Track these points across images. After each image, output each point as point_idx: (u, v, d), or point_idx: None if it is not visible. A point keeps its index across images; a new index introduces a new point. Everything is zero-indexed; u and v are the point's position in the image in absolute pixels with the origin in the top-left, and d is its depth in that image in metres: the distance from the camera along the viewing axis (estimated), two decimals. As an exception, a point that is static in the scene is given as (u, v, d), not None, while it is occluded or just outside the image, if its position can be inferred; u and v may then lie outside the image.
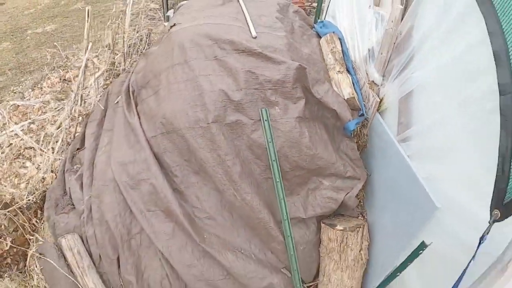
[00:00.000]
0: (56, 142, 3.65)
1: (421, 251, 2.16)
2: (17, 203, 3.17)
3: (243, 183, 2.75)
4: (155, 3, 5.20)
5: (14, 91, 4.73)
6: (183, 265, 2.88)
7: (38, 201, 3.41)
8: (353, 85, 2.97)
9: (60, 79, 4.58)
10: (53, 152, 3.69)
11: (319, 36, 3.43)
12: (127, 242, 2.98)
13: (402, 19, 2.49)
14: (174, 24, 3.20)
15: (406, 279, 2.53)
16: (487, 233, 1.76)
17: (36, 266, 3.26)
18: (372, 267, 2.91)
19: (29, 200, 3.17)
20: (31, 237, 3.31)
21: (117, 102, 3.73)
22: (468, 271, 1.84)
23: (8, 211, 3.04)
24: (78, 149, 3.65)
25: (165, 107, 2.87)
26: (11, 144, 3.98)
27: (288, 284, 2.92)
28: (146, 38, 4.43)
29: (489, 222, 1.75)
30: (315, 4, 6.98)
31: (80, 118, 3.69)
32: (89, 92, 3.78)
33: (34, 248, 3.26)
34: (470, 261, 1.80)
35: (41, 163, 3.65)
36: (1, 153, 3.96)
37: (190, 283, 2.88)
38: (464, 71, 1.99)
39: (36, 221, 3.32)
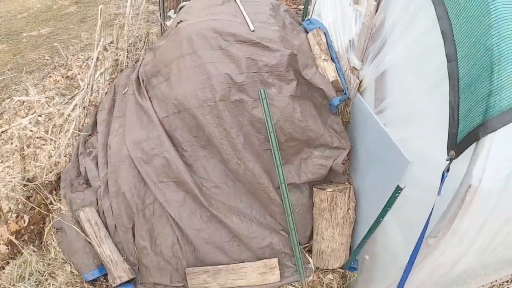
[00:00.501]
0: (67, 131, 4.25)
1: (397, 194, 2.88)
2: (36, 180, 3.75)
3: (246, 152, 3.45)
4: (153, 4, 5.89)
5: (16, 89, 5.32)
6: (192, 229, 3.53)
7: (54, 182, 4.00)
8: (337, 71, 3.73)
9: (63, 76, 5.21)
10: (62, 140, 4.29)
11: (307, 32, 4.21)
12: (141, 211, 3.61)
13: (375, 13, 3.27)
14: (181, 21, 3.91)
15: (388, 230, 3.23)
16: (447, 170, 2.41)
17: (54, 241, 3.83)
18: (359, 226, 3.62)
19: (47, 177, 3.75)
20: (48, 214, 3.88)
21: (125, 92, 4.40)
22: (436, 208, 2.46)
23: (33, 185, 3.60)
24: (89, 135, 4.28)
25: (177, 90, 3.56)
26: (19, 135, 4.53)
27: (286, 243, 3.61)
28: (145, 37, 5.11)
29: (447, 160, 2.46)
30: (301, 7, 7.88)
31: (91, 108, 4.32)
32: (98, 85, 4.41)
33: (52, 222, 3.83)
34: (436, 198, 2.48)
35: (52, 150, 4.25)
36: (11, 144, 4.54)
37: (199, 246, 3.53)
38: (422, 49, 2.75)
39: (53, 200, 3.90)
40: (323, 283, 3.57)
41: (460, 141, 2.35)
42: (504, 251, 3.22)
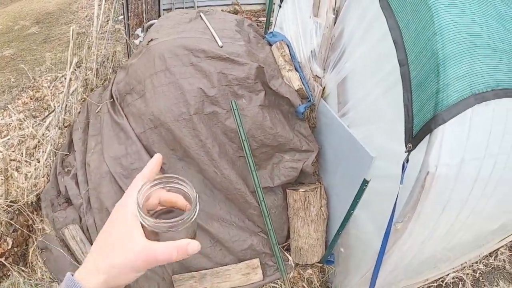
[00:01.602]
0: (43, 152, 4.29)
1: (365, 187, 3.15)
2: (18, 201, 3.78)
3: (221, 161, 3.65)
4: (117, 23, 5.99)
5: (-16, 113, 5.28)
6: (176, 238, 3.66)
7: (34, 203, 4.03)
8: (301, 80, 4.00)
9: (31, 98, 5.22)
10: (38, 161, 4.33)
11: (270, 44, 4.47)
12: (125, 224, 3.70)
13: (334, 24, 3.56)
14: (151, 39, 4.07)
15: (359, 222, 3.49)
16: (407, 161, 2.73)
17: (39, 261, 3.86)
18: (332, 221, 3.88)
19: (28, 198, 3.79)
20: (30, 235, 3.91)
21: (98, 111, 4.49)
22: (400, 195, 2.76)
23: (17, 206, 3.64)
24: (66, 154, 4.34)
25: (153, 106, 3.72)
26: (3, 156, 4.52)
27: (265, 244, 3.82)
28: (112, 56, 5.21)
29: (405, 152, 2.76)
30: (261, 19, 8.22)
31: (65, 127, 4.38)
32: (70, 104, 4.48)
33: (35, 243, 3.86)
34: (399, 186, 2.76)
35: (29, 172, 4.27)
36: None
37: (183, 253, 3.66)
38: (377, 56, 3.05)
39: (33, 221, 3.93)
40: (304, 278, 3.79)
41: (416, 134, 2.67)
42: (467, 234, 3.55)
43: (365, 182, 3.18)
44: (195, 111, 3.61)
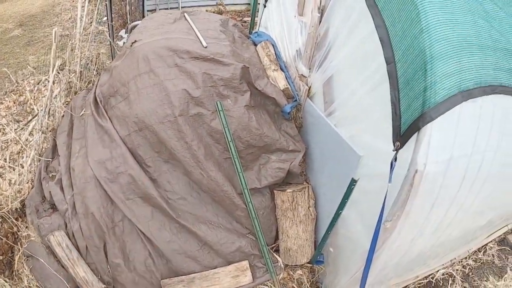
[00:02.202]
0: (27, 157, 4.11)
1: (353, 186, 3.05)
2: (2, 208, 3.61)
3: (208, 162, 3.54)
4: (101, 25, 5.81)
5: (-34, 118, 5.06)
6: (163, 242, 3.56)
7: (19, 209, 3.86)
8: (287, 79, 3.89)
9: (15, 102, 5.03)
10: (22, 167, 4.15)
11: (255, 44, 4.36)
12: (112, 229, 3.60)
13: (319, 23, 3.45)
14: (135, 41, 3.92)
15: (347, 221, 3.40)
16: (395, 160, 2.65)
17: (25, 268, 3.70)
18: (320, 221, 3.79)
19: (13, 205, 3.62)
20: (15, 242, 3.74)
21: (82, 114, 4.32)
22: (389, 194, 2.68)
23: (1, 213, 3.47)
24: (50, 159, 4.17)
25: (137, 109, 3.59)
26: None
27: (254, 245, 3.73)
28: (96, 58, 5.04)
29: (393, 151, 2.67)
30: (246, 19, 8.10)
31: (49, 132, 4.20)
32: (54, 108, 4.30)
33: (21, 251, 3.69)
34: (388, 185, 2.68)
35: (13, 177, 4.09)
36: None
37: (171, 257, 3.57)
38: (363, 54, 2.96)
39: (20, 227, 3.76)
40: (294, 278, 3.70)
41: (404, 132, 2.60)
42: (456, 230, 3.50)
43: (353, 182, 3.09)
44: (180, 113, 3.49)
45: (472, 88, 2.60)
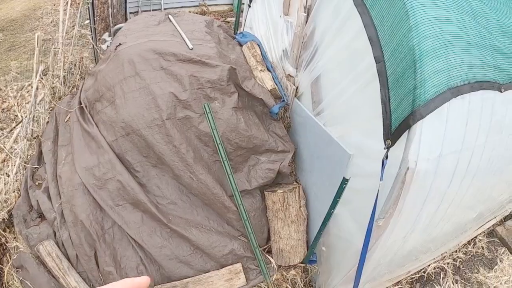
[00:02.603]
0: (13, 165, 3.96)
1: (345, 185, 2.99)
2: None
3: (197, 166, 3.45)
4: (83, 28, 5.65)
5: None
6: (155, 247, 3.46)
7: (6, 220, 3.71)
8: (274, 80, 3.81)
9: (-3, 109, 4.86)
10: (8, 176, 4.00)
11: (241, 45, 4.26)
12: (102, 237, 3.48)
13: (306, 23, 3.37)
14: (120, 44, 3.79)
15: (339, 220, 3.35)
16: (386, 158, 2.61)
17: (15, 280, 3.57)
18: (312, 221, 3.73)
19: (0, 216, 3.48)
20: (4, 253, 3.60)
21: (67, 120, 4.19)
22: (381, 192, 2.65)
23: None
24: (36, 167, 4.02)
25: (123, 113, 3.48)
26: None
27: (246, 248, 3.64)
28: (79, 63, 4.89)
29: (384, 149, 2.62)
30: (229, 19, 8.00)
31: (34, 139, 4.06)
32: (38, 114, 4.16)
33: (10, 262, 3.56)
34: (379, 183, 2.64)
35: (-3, 186, 3.94)
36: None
37: (163, 263, 3.47)
38: (352, 54, 2.91)
39: (7, 239, 3.62)
40: (287, 279, 3.64)
41: (394, 130, 2.57)
42: (447, 225, 3.49)
43: (344, 181, 3.03)
44: (168, 116, 3.39)
45: (460, 85, 2.58)
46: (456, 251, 4.18)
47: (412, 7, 2.47)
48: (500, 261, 4.14)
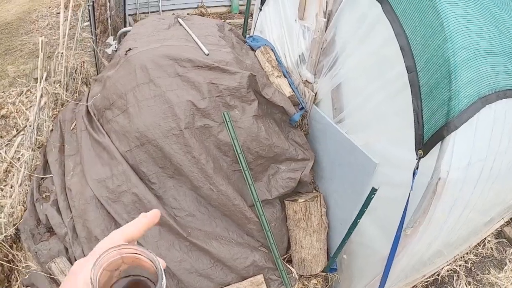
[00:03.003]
0: (17, 176, 3.76)
1: (373, 195, 2.96)
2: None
3: (217, 176, 3.30)
4: (84, 31, 5.43)
5: None
6: (174, 262, 3.31)
7: (12, 235, 3.52)
8: (290, 86, 3.72)
9: (-4, 117, 4.61)
10: (11, 187, 3.80)
11: (252, 49, 4.13)
12: (117, 252, 3.31)
13: (326, 29, 3.30)
14: (130, 49, 3.63)
15: (361, 228, 3.28)
16: (417, 168, 2.56)
17: (26, 300, 3.38)
18: (332, 229, 3.66)
19: (9, 231, 3.29)
20: (12, 270, 3.41)
21: (73, 128, 4.00)
22: (411, 201, 2.63)
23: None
24: (42, 178, 3.84)
25: (138, 122, 3.30)
26: None
27: (267, 258, 3.52)
28: (81, 68, 4.69)
29: (416, 159, 2.59)
30: (228, 20, 7.88)
31: (38, 148, 3.87)
32: (41, 122, 3.96)
33: (19, 280, 3.37)
34: (409, 192, 2.61)
35: (2, 199, 3.73)
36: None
37: (182, 277, 3.32)
38: (380, 61, 2.83)
39: (15, 255, 3.43)
40: (309, 289, 3.58)
41: (427, 141, 2.53)
42: (462, 229, 3.49)
43: (373, 191, 2.97)
44: (186, 126, 3.24)
45: (488, 94, 2.56)
46: (467, 253, 4.22)
47: (446, 17, 2.41)
48: (509, 261, 4.17)
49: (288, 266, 3.59)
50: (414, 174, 2.57)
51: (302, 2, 3.64)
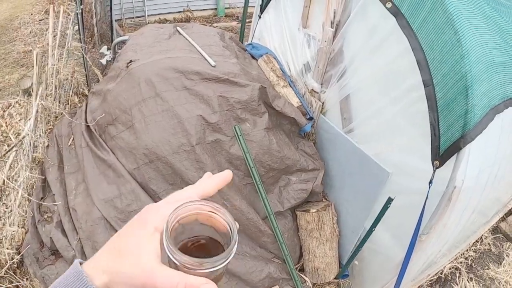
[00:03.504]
0: (13, 196, 3.63)
1: (389, 205, 3.05)
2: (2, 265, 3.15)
3: (230, 191, 3.26)
4: (74, 40, 5.21)
5: None
6: (187, 278, 3.30)
7: (16, 261, 3.40)
8: (297, 95, 3.75)
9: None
10: (7, 207, 3.67)
11: (253, 57, 4.08)
12: (130, 272, 3.27)
13: (334, 39, 3.34)
14: (131, 61, 3.54)
15: (375, 235, 3.33)
16: (433, 178, 2.69)
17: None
18: (343, 236, 3.70)
19: (15, 259, 3.18)
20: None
21: (71, 144, 3.89)
22: (426, 210, 2.73)
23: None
24: (41, 198, 3.72)
25: (145, 139, 3.17)
26: None
27: (282, 269, 3.49)
28: (72, 78, 4.53)
29: (433, 170, 2.69)
30: (215, 24, 7.78)
31: (34, 165, 3.74)
32: (35, 138, 3.82)
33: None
34: (425, 202, 2.70)
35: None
36: None
37: (197, 293, 3.32)
38: (392, 74, 2.87)
39: (18, 282, 3.32)
40: (323, 297, 3.65)
41: (443, 152, 2.63)
42: (469, 230, 3.65)
43: (389, 201, 3.04)
44: (197, 141, 3.17)
45: (498, 104, 2.68)
46: (467, 250, 4.40)
47: (463, 33, 2.49)
48: (507, 255, 4.37)
49: (302, 275, 3.64)
50: (430, 183, 2.67)
51: (305, 10, 3.65)
